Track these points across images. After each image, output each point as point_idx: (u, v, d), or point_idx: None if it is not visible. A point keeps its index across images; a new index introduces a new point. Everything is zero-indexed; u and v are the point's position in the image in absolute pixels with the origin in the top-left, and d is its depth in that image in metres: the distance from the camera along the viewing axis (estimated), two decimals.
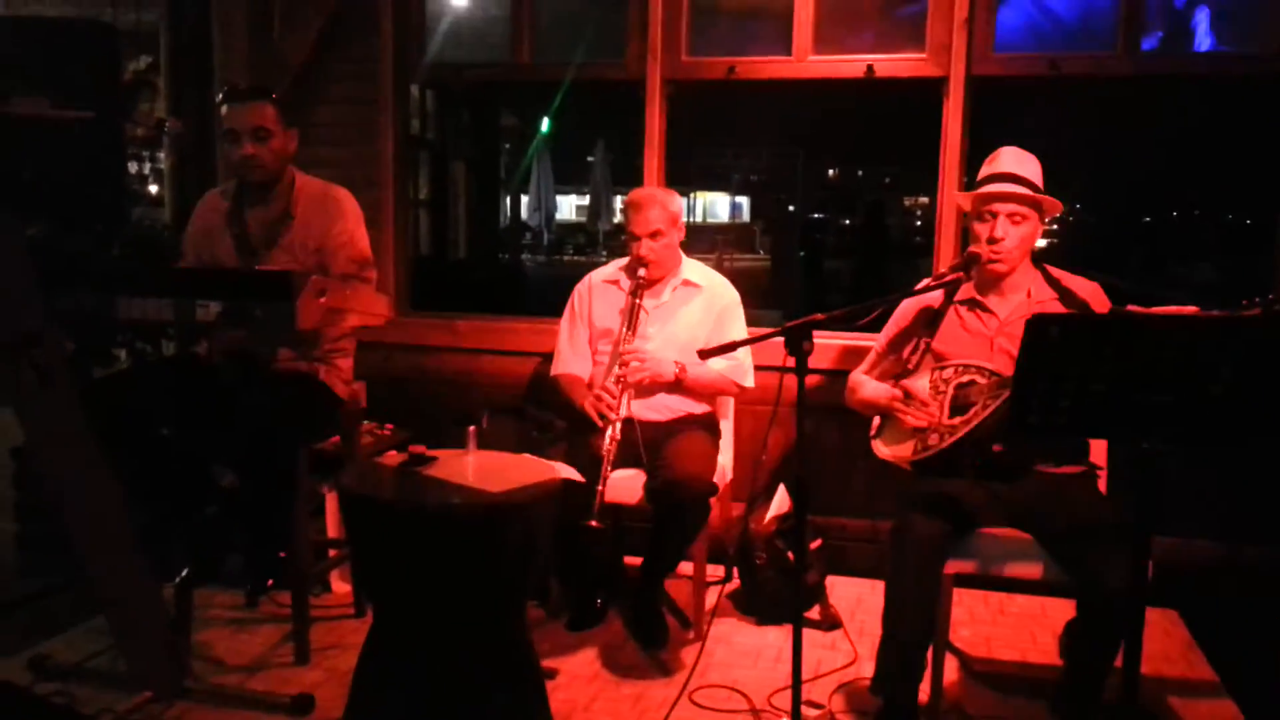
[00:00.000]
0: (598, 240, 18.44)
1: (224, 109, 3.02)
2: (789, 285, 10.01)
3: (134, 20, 4.58)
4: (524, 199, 14.74)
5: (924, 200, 25.07)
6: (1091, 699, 2.64)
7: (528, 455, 2.75)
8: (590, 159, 16.56)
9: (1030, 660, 3.09)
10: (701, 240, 16.99)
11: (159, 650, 2.70)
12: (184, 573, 2.90)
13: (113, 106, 2.65)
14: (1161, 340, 1.90)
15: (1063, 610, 3.34)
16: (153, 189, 5.59)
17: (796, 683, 2.22)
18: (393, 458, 2.60)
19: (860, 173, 22.95)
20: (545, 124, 10.95)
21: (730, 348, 2.52)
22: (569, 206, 21.77)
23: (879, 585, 3.53)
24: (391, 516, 2.34)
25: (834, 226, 17.02)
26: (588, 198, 18.00)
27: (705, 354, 2.45)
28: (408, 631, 2.40)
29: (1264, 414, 1.93)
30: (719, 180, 21.95)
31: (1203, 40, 3.58)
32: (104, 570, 2.56)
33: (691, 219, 19.89)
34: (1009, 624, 3.34)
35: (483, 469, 2.54)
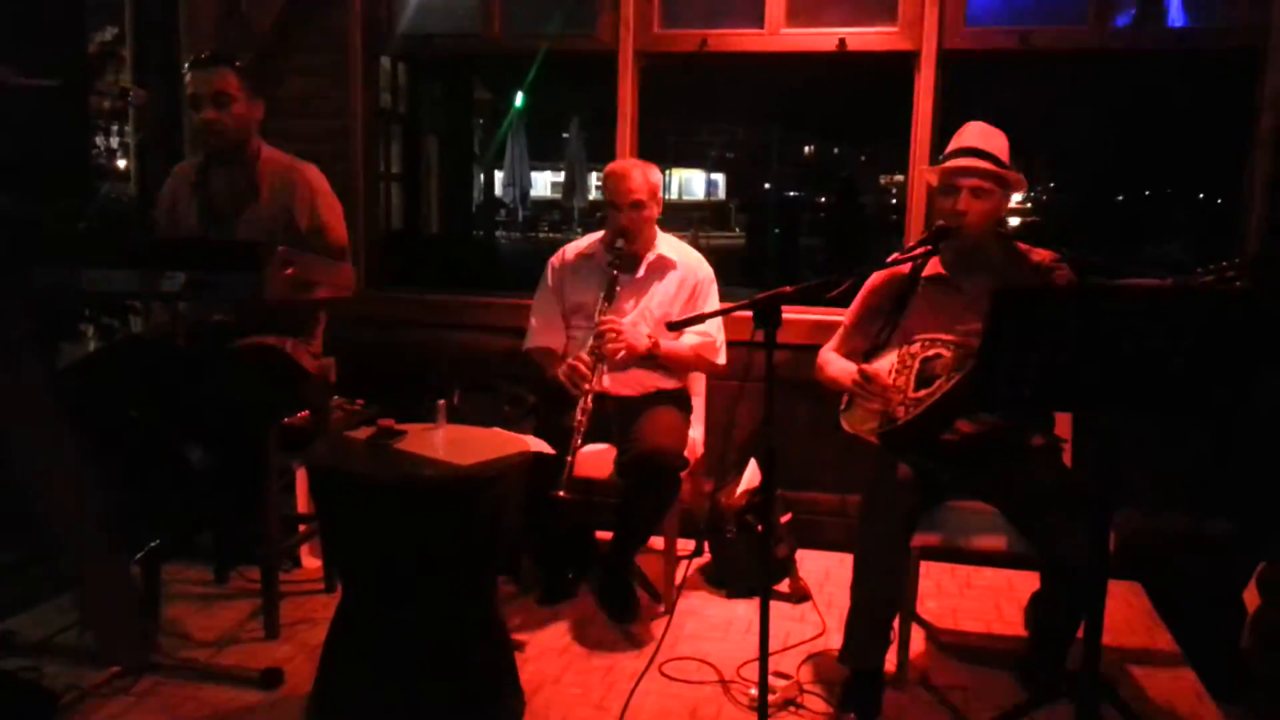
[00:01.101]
0: (573, 217, 18.35)
1: (187, 75, 2.98)
2: (764, 263, 10.03)
3: None
4: (499, 175, 14.66)
5: (900, 178, 25.11)
6: (1055, 669, 2.69)
7: (498, 429, 2.74)
8: (565, 135, 16.49)
9: (996, 632, 3.13)
10: (677, 217, 16.93)
11: (126, 625, 2.70)
12: (152, 547, 2.88)
13: (78, 78, 2.61)
14: (1123, 312, 1.92)
15: (1028, 583, 3.38)
16: (120, 163, 5.52)
17: (764, 654, 2.23)
18: (363, 432, 2.60)
19: (836, 150, 22.91)
20: (519, 98, 10.89)
21: (698, 320, 2.52)
22: (544, 183, 21.65)
23: (848, 558, 3.55)
24: (361, 490, 2.34)
25: (809, 204, 17.00)
26: (563, 174, 17.92)
27: (673, 326, 2.45)
28: (377, 605, 2.41)
29: (1222, 386, 1.96)
30: (694, 157, 21.89)
31: (1176, 18, 3.59)
32: (71, 545, 2.55)
33: (667, 196, 19.66)
34: (975, 596, 3.38)
35: (452, 442, 2.55)
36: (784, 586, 3.33)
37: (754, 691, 2.58)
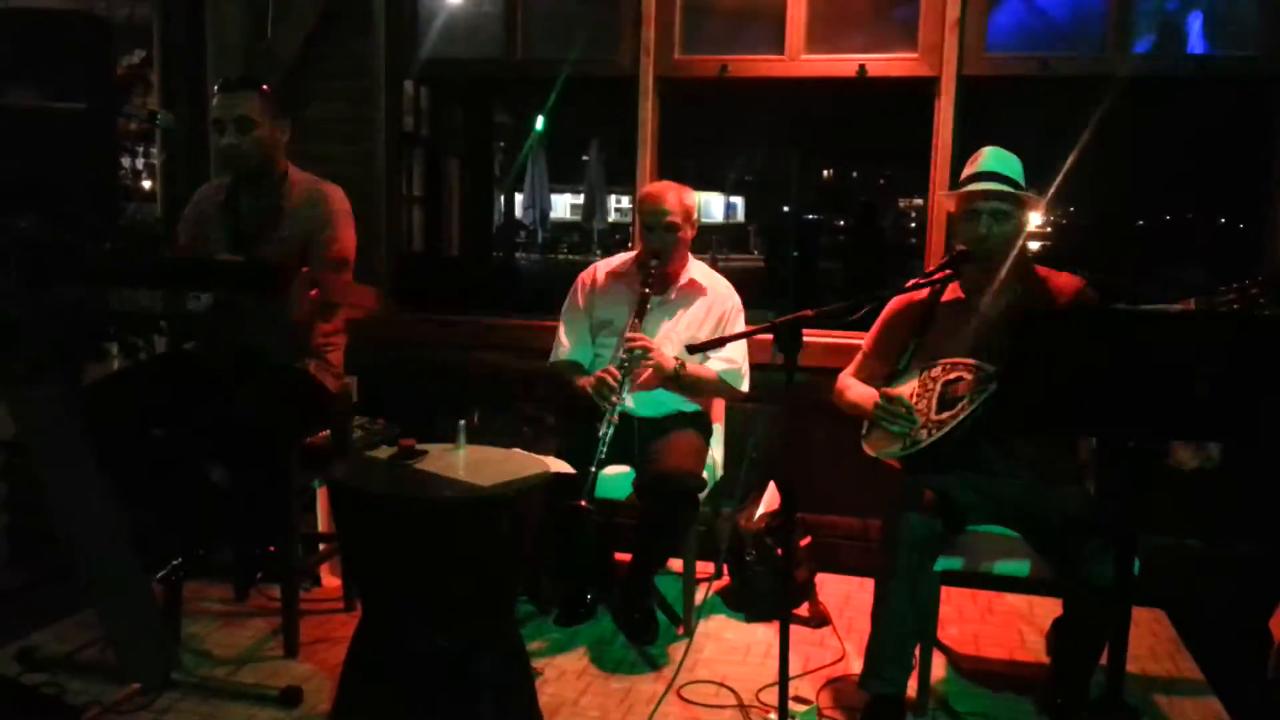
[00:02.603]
0: (592, 239, 18.41)
1: (214, 98, 3.02)
2: (782, 285, 10.01)
3: (128, 14, 4.59)
4: (519, 197, 14.73)
5: (918, 202, 25.09)
6: (1077, 697, 2.66)
7: (518, 450, 2.75)
8: (585, 158, 16.55)
9: (1018, 658, 3.10)
10: (696, 240, 16.91)
11: (147, 642, 2.71)
12: (173, 565, 2.90)
13: (105, 100, 2.65)
14: (1147, 337, 1.91)
15: (1050, 609, 3.36)
16: (145, 184, 5.58)
17: (784, 678, 2.22)
18: (385, 452, 2.61)
19: (855, 174, 22.92)
20: (540, 122, 10.95)
21: (719, 343, 2.52)
22: (563, 205, 21.71)
23: (868, 583, 3.54)
24: (381, 510, 2.34)
25: (827, 227, 16.99)
26: (582, 197, 17.98)
27: (694, 349, 2.45)
28: (397, 625, 2.41)
29: (1247, 414, 1.95)
30: (714, 180, 21.93)
31: (1196, 44, 3.60)
32: (93, 563, 2.57)
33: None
34: (996, 622, 3.35)
35: (473, 463, 2.55)
36: (804, 610, 3.32)
37: (773, 717, 2.57)
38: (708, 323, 3.28)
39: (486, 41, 4.29)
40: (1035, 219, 2.83)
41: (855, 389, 2.89)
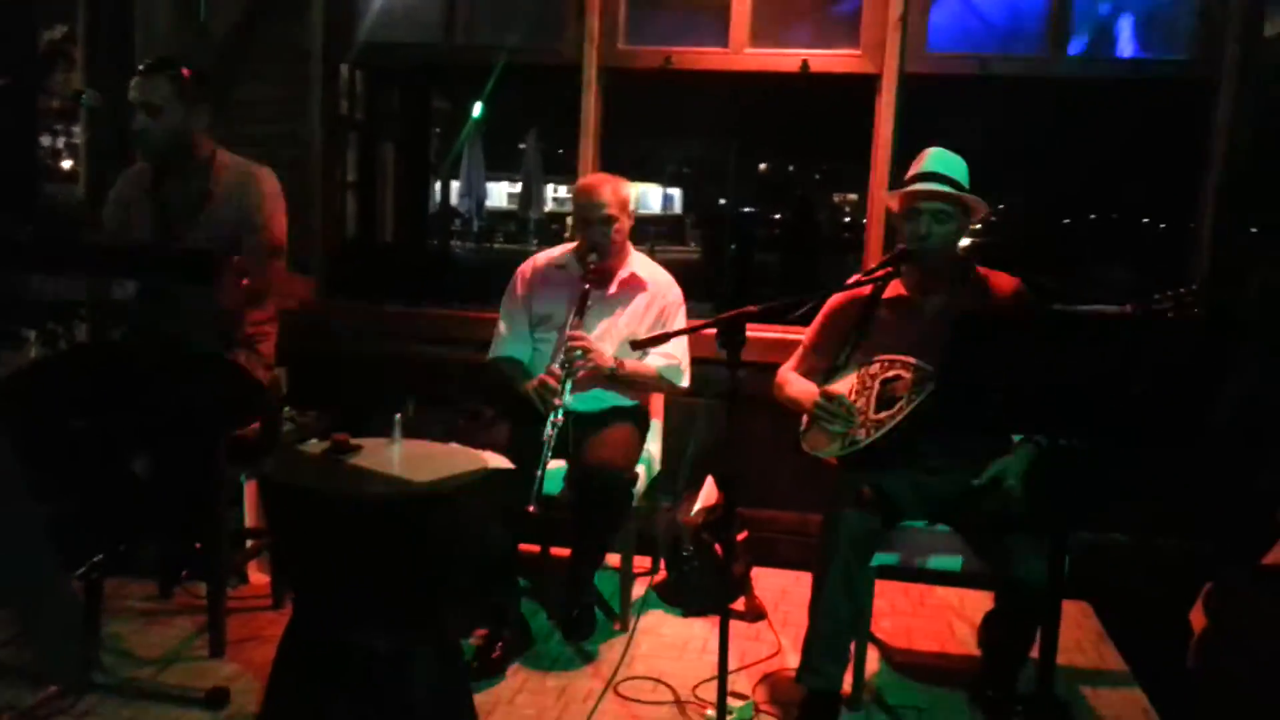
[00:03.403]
0: (529, 228, 18.29)
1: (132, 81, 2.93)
2: (719, 278, 10.03)
3: None
4: (455, 185, 14.56)
5: (852, 197, 25.36)
6: (1007, 688, 2.71)
7: (455, 445, 2.70)
8: (522, 146, 16.42)
9: (949, 651, 3.15)
10: (633, 231, 16.89)
11: (66, 642, 2.61)
12: (94, 562, 2.80)
13: (27, 76, 2.54)
14: (1083, 338, 1.94)
15: (979, 602, 3.42)
16: (65, 164, 5.39)
17: (723, 675, 2.22)
18: (317, 447, 2.54)
19: (791, 167, 23.09)
20: (478, 109, 10.82)
21: (662, 339, 2.50)
22: (499, 194, 21.52)
23: (804, 576, 3.56)
24: (312, 506, 2.29)
25: (763, 220, 17.11)
26: (519, 185, 17.86)
27: (637, 345, 2.43)
28: (328, 624, 2.35)
29: (1180, 414, 1.99)
30: (651, 171, 21.92)
31: (1126, 46, 3.67)
32: (8, 558, 2.46)
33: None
34: (928, 615, 3.40)
35: (409, 459, 2.50)
36: (740, 605, 3.33)
37: (710, 713, 2.57)
38: (648, 318, 3.25)
39: (426, 25, 4.20)
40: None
41: (795, 384, 2.90)
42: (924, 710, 2.73)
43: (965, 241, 3.17)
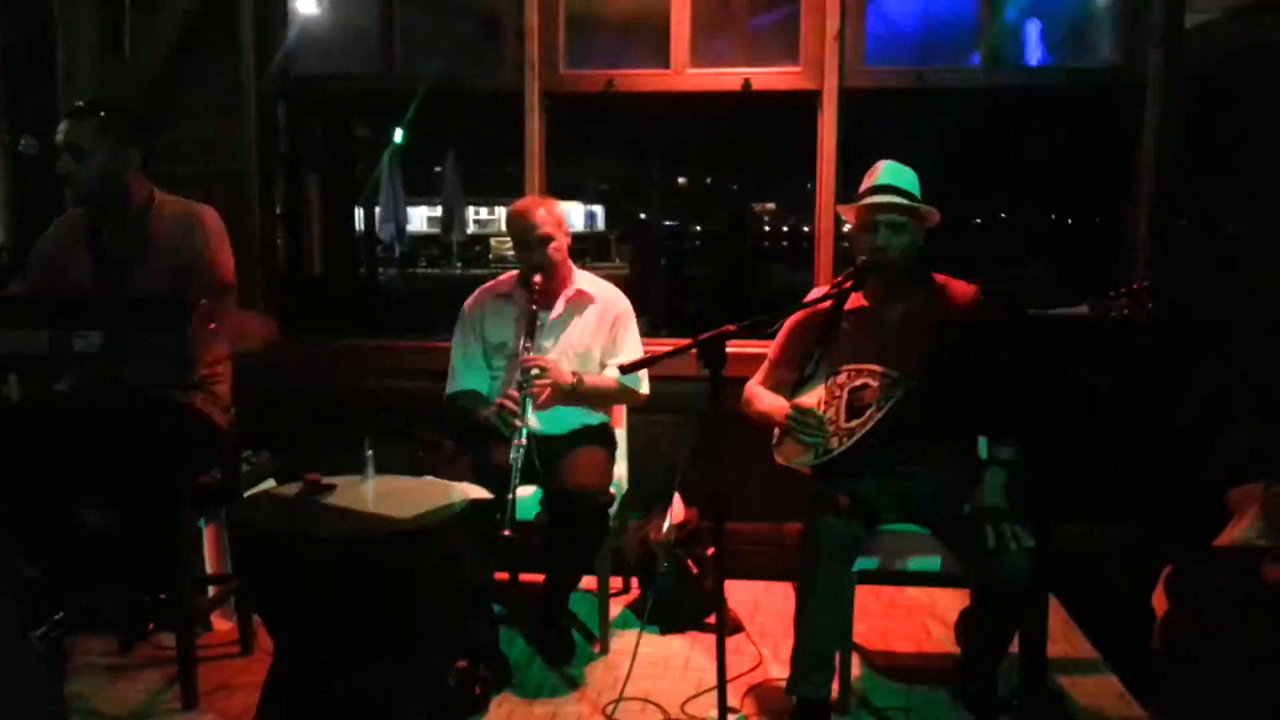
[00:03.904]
0: (451, 252, 18.15)
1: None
2: (649, 293, 10.07)
3: None
4: (376, 211, 14.37)
5: (770, 206, 25.73)
6: (988, 684, 2.77)
7: (429, 478, 2.68)
8: (438, 169, 16.29)
9: (925, 650, 3.20)
10: None
11: (37, 704, 2.51)
12: (54, 620, 2.70)
13: None
14: (1056, 341, 2.01)
15: (951, 600, 3.50)
16: None
17: (722, 690, 2.24)
18: (289, 489, 2.50)
19: (709, 180, 23.32)
20: (399, 135, 10.72)
21: (651, 362, 2.47)
22: (419, 218, 21.33)
23: (774, 586, 3.63)
24: (297, 550, 2.25)
25: (688, 234, 17.26)
26: (439, 209, 17.70)
27: (626, 369, 2.43)
28: (317, 667, 2.31)
29: (1149, 409, 2.07)
30: (573, 190, 21.95)
31: (1034, 52, 3.80)
32: None
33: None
34: (901, 616, 3.45)
35: (386, 495, 2.48)
36: (713, 619, 3.34)
37: None
38: (601, 330, 3.26)
39: (358, 56, 4.17)
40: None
41: (764, 398, 2.93)
42: (910, 710, 2.77)
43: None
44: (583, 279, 3.32)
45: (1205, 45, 3.57)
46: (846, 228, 3.02)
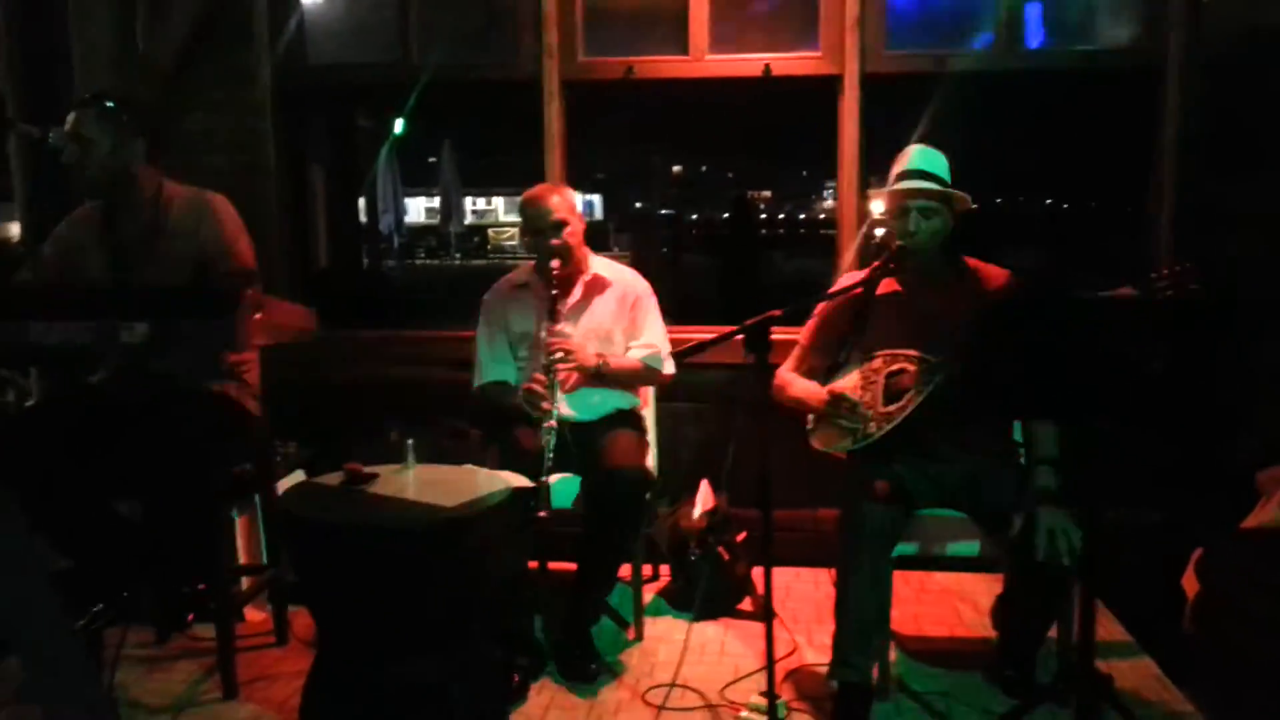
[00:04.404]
0: (449, 243, 18.12)
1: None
2: (652, 280, 10.03)
3: None
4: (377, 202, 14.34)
5: (766, 194, 25.74)
6: (1026, 668, 2.79)
7: (469, 466, 2.68)
8: (432, 160, 16.24)
9: (959, 635, 3.22)
10: None
11: (82, 696, 2.51)
12: (94, 612, 2.70)
13: None
14: (1108, 322, 2.02)
15: (979, 585, 3.52)
16: None
17: (770, 678, 2.25)
18: (333, 478, 2.50)
19: (704, 168, 23.32)
20: (399, 125, 10.68)
21: (701, 348, 2.43)
22: (416, 209, 21.28)
23: (804, 572, 3.64)
24: (346, 539, 2.25)
25: (684, 222, 17.26)
26: (436, 200, 17.66)
27: (681, 355, 2.41)
28: (367, 655, 2.31)
29: (1197, 393, 2.08)
30: (569, 179, 21.94)
31: (1035, 34, 3.79)
32: (15, 613, 2.36)
33: None
34: (932, 601, 3.47)
35: (429, 484, 2.48)
36: (747, 605, 3.36)
37: (745, 714, 2.59)
38: (622, 313, 3.25)
39: (373, 46, 4.15)
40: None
41: (797, 384, 2.93)
42: (949, 695, 2.78)
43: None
44: (599, 264, 3.32)
45: (1224, 24, 3.56)
46: (879, 213, 3.02)
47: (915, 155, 2.83)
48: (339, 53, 4.16)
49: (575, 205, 3.21)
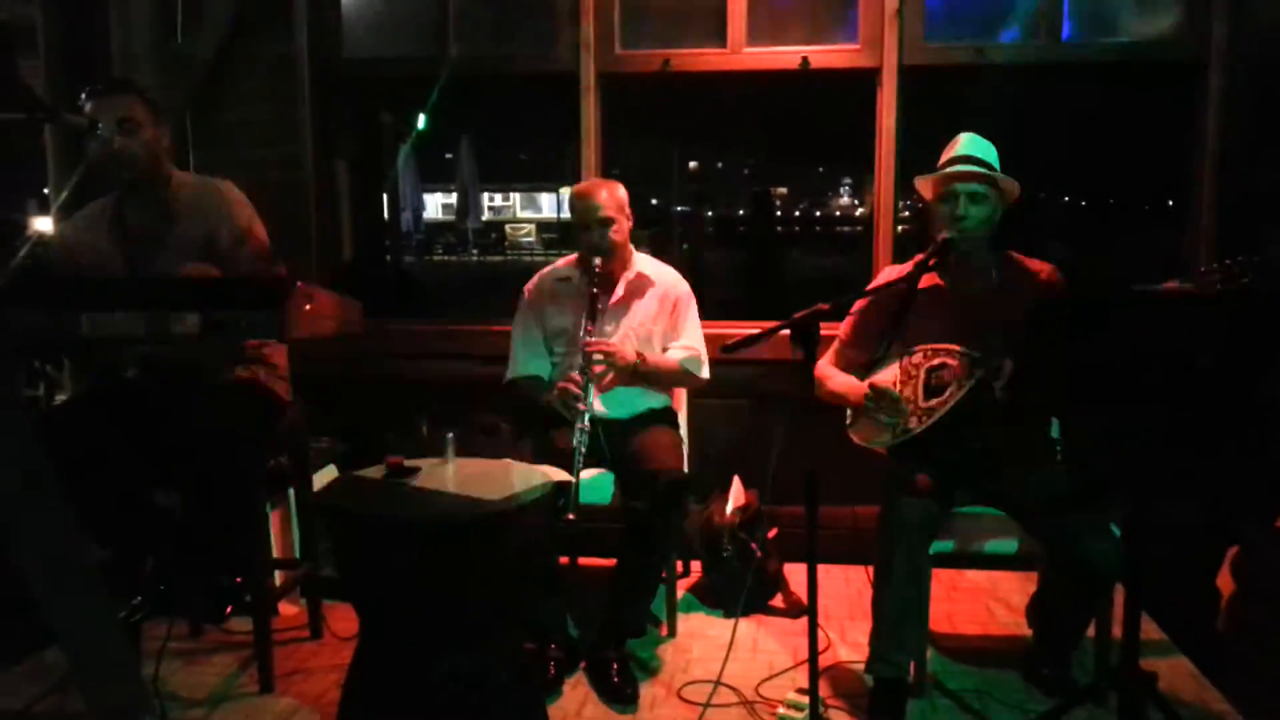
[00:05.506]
0: (467, 239, 18.15)
1: (87, 105, 2.81)
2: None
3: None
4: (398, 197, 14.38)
5: (782, 190, 25.67)
6: (1063, 667, 2.77)
7: (508, 460, 2.67)
8: (449, 155, 16.27)
9: (992, 633, 3.20)
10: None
11: (124, 686, 2.52)
12: (133, 604, 2.70)
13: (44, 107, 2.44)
14: (1158, 318, 2.00)
15: (1012, 583, 3.50)
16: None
17: (814, 676, 2.24)
18: (375, 471, 2.50)
19: (720, 164, 23.27)
20: (421, 120, 10.68)
21: (749, 342, 2.41)
22: (433, 205, 21.33)
23: (834, 569, 3.63)
24: (391, 531, 2.24)
25: (701, 218, 17.21)
26: (453, 196, 17.70)
27: (728, 349, 2.40)
28: (410, 648, 2.31)
29: (1245, 389, 2.06)
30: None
31: (1071, 27, 3.75)
32: (61, 603, 2.37)
33: (561, 216, 20.02)
34: (964, 599, 3.45)
35: (470, 478, 2.47)
36: (779, 602, 3.35)
37: (782, 710, 2.59)
38: (662, 314, 3.23)
39: (408, 40, 4.15)
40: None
41: (836, 378, 2.91)
42: (984, 693, 2.77)
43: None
44: (643, 262, 3.30)
45: (1269, 15, 3.52)
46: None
47: (965, 141, 2.81)
48: (375, 46, 4.17)
49: (624, 203, 3.19)
